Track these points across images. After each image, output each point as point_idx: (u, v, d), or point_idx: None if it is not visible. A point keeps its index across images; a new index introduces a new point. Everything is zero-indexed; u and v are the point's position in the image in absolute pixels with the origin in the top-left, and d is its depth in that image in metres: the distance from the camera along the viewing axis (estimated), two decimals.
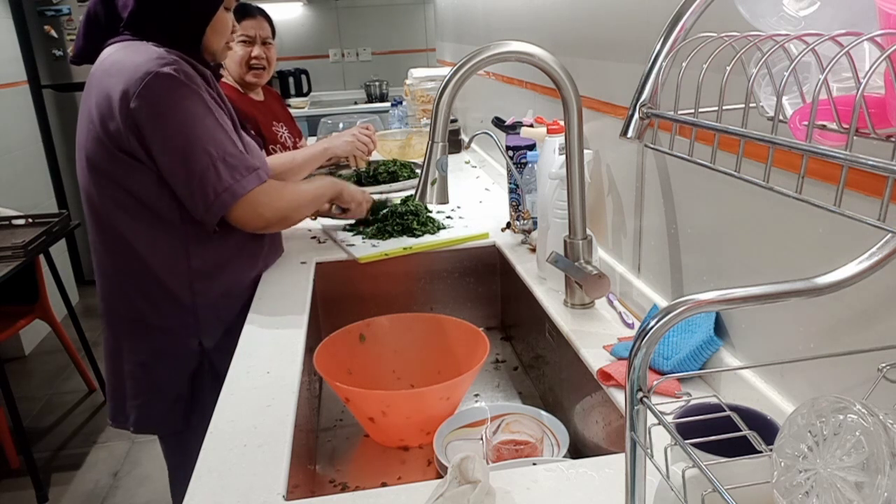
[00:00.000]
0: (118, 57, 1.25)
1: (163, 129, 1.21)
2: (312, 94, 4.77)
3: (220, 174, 1.25)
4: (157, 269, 1.32)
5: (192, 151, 1.23)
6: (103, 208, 1.30)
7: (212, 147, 1.24)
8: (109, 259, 1.35)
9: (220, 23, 1.33)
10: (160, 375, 1.38)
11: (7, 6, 3.81)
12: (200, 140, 1.23)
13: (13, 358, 3.47)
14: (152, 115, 1.20)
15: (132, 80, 1.20)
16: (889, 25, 0.39)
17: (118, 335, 1.39)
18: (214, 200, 1.25)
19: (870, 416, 0.42)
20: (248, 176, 1.28)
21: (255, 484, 0.80)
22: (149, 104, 1.20)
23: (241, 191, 1.27)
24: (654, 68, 0.57)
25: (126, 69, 1.21)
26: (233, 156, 1.27)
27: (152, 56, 1.22)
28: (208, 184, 1.24)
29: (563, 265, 1.18)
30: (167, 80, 1.20)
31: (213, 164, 1.24)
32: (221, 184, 1.25)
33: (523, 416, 1.10)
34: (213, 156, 1.24)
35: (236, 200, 1.26)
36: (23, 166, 3.77)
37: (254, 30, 2.11)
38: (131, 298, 1.36)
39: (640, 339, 0.52)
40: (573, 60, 1.34)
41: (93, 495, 2.47)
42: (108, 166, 1.26)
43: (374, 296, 1.58)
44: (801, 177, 0.41)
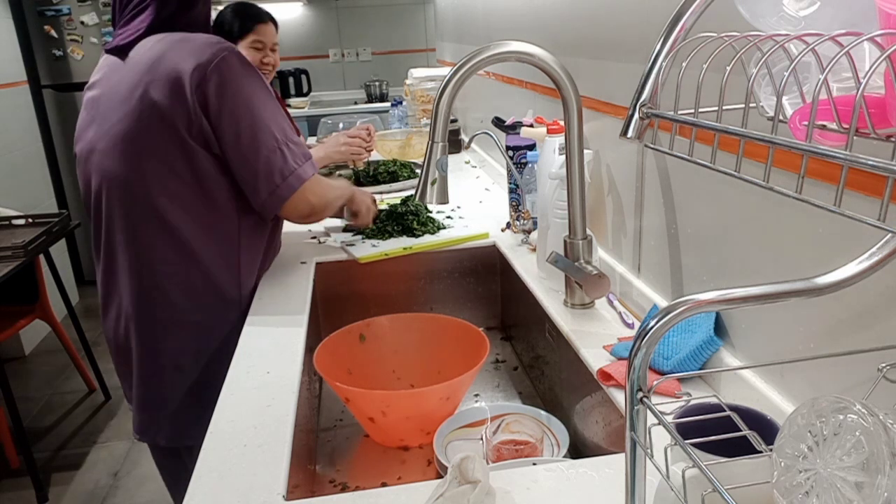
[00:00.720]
0: (171, 44, 1.22)
1: (234, 106, 1.20)
2: (312, 94, 4.77)
3: (287, 158, 1.25)
4: (207, 261, 1.29)
5: (259, 132, 1.22)
6: (149, 199, 1.24)
7: (278, 131, 1.24)
8: (146, 254, 1.28)
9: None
10: (199, 378, 1.33)
11: (7, 6, 3.81)
12: (268, 122, 1.23)
13: (13, 358, 3.47)
14: (223, 93, 1.20)
15: (202, 59, 1.19)
16: (889, 25, 0.39)
17: (151, 339, 1.32)
18: (281, 184, 1.25)
19: (870, 416, 0.42)
20: (307, 163, 1.30)
21: (255, 484, 0.80)
22: (220, 83, 1.19)
23: (305, 175, 1.28)
24: (654, 68, 0.57)
25: (192, 51, 1.20)
26: (294, 142, 1.28)
27: (213, 41, 1.23)
28: (275, 167, 1.24)
29: (563, 265, 1.18)
30: (237, 61, 1.22)
31: (280, 148, 1.24)
32: (288, 167, 1.25)
33: (523, 416, 1.10)
34: (279, 139, 1.24)
35: (301, 185, 1.27)
36: (23, 166, 3.77)
37: (267, 35, 2.15)
38: (169, 296, 1.29)
39: (640, 339, 0.52)
40: (573, 60, 1.34)
41: (93, 495, 2.47)
42: (167, 154, 1.22)
43: (374, 296, 1.58)
44: (801, 177, 0.41)
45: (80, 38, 4.04)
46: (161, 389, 1.34)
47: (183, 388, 1.34)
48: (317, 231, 1.74)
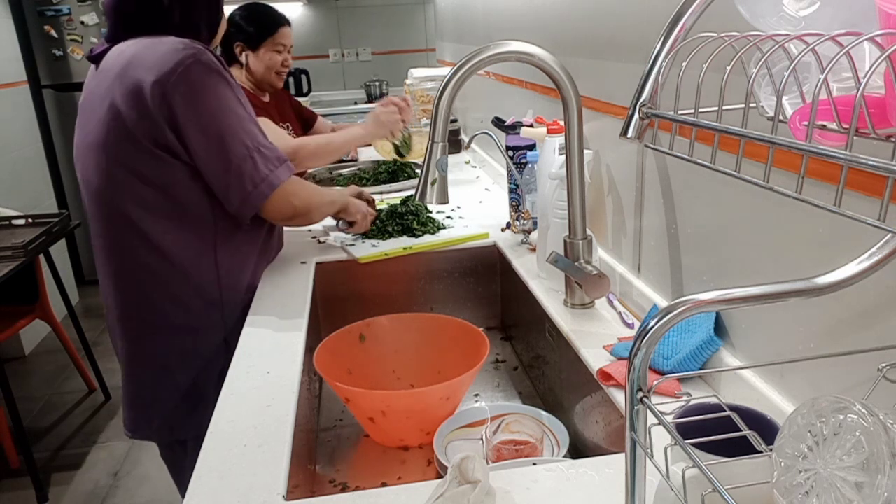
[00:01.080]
0: (139, 49, 1.22)
1: (198, 118, 1.20)
2: (312, 94, 4.77)
3: (258, 165, 1.25)
4: (184, 266, 1.30)
5: (228, 141, 1.22)
6: (122, 207, 1.26)
7: (246, 137, 1.24)
8: (127, 261, 1.30)
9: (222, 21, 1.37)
10: (186, 378, 1.35)
11: (7, 6, 3.81)
12: (236, 130, 1.23)
13: (13, 358, 3.47)
14: (188, 104, 1.19)
15: (164, 69, 1.18)
16: (889, 25, 0.39)
17: (136, 341, 1.34)
18: (252, 191, 1.25)
19: (870, 416, 0.42)
20: (282, 166, 1.30)
21: (255, 484, 0.80)
22: (184, 94, 1.18)
23: (277, 181, 1.28)
24: (654, 68, 0.57)
25: (155, 60, 1.19)
26: (266, 147, 1.28)
27: (179, 47, 1.21)
28: (245, 175, 1.24)
29: (563, 265, 1.18)
30: (202, 69, 1.20)
31: (250, 155, 1.24)
32: (259, 174, 1.25)
33: (523, 416, 1.10)
34: (248, 146, 1.24)
35: (273, 191, 1.27)
36: (23, 166, 3.77)
37: (287, 38, 2.18)
38: (152, 300, 1.31)
39: (640, 339, 0.52)
40: (573, 60, 1.34)
41: (93, 495, 2.47)
42: (136, 163, 1.22)
43: (374, 296, 1.58)
44: (801, 177, 0.41)
45: (80, 38, 4.04)
46: (149, 388, 1.36)
47: (170, 386, 1.36)
48: (317, 231, 1.74)
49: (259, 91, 2.21)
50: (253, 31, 2.12)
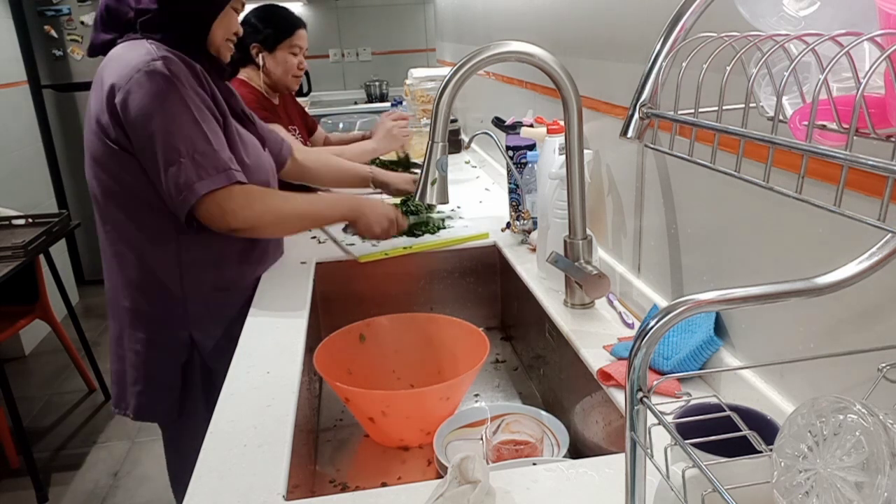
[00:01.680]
0: (116, 54, 1.29)
1: (140, 123, 1.24)
2: (312, 94, 4.76)
3: (186, 171, 1.24)
4: (149, 259, 1.35)
5: (162, 146, 1.24)
6: (102, 199, 1.34)
7: (182, 144, 1.24)
8: (110, 249, 1.39)
9: (227, 20, 1.37)
10: (154, 365, 1.40)
11: (7, 6, 3.80)
12: (172, 136, 1.24)
13: (13, 358, 3.47)
14: (132, 109, 1.23)
15: (121, 75, 1.24)
16: (889, 25, 0.39)
17: (119, 323, 1.42)
18: (178, 196, 1.25)
19: (870, 416, 0.42)
20: (215, 176, 1.25)
21: (255, 484, 0.80)
22: (131, 99, 1.23)
23: (203, 189, 1.24)
24: (654, 68, 0.57)
25: (118, 66, 1.26)
26: (203, 154, 1.25)
27: (142, 53, 1.25)
28: (173, 180, 1.25)
29: (563, 265, 1.18)
30: (151, 76, 1.23)
31: (180, 161, 1.24)
32: (186, 181, 1.25)
33: (523, 416, 1.10)
34: (181, 152, 1.24)
35: (196, 198, 1.25)
36: (23, 166, 3.77)
37: (304, 41, 2.20)
38: (127, 288, 1.38)
39: (640, 339, 0.52)
40: (573, 60, 1.34)
41: (93, 495, 2.47)
42: (104, 158, 1.30)
43: (374, 296, 1.58)
44: (801, 177, 0.41)
45: (80, 38, 4.04)
46: (127, 369, 1.42)
47: (143, 370, 1.41)
48: (317, 231, 1.74)
49: (271, 93, 2.22)
50: (270, 33, 2.13)
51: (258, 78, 2.17)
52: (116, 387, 1.46)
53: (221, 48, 1.39)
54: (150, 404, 1.43)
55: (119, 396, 1.45)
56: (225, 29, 1.37)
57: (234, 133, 1.36)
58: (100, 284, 1.48)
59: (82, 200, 4.25)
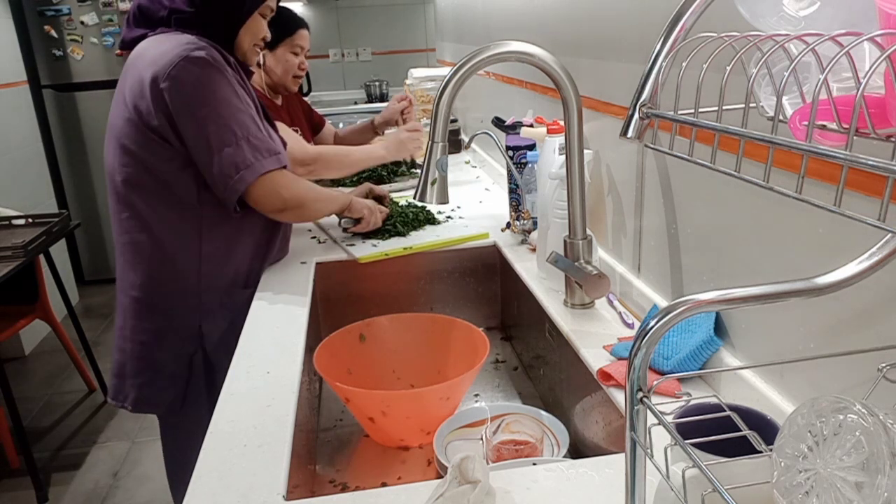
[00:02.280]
0: (151, 45, 1.31)
1: (190, 108, 1.26)
2: (312, 94, 4.75)
3: (244, 152, 1.29)
4: (169, 248, 1.36)
5: (217, 129, 1.27)
6: (125, 188, 1.35)
7: (236, 126, 1.29)
8: (125, 238, 1.40)
9: (254, 25, 1.40)
10: (160, 356, 1.41)
11: (7, 6, 3.80)
12: (226, 119, 1.28)
13: (13, 358, 3.47)
14: (180, 94, 1.25)
15: (162, 63, 1.26)
16: (889, 25, 0.39)
17: (125, 313, 1.43)
18: (235, 177, 1.29)
19: (870, 416, 0.42)
20: (270, 157, 1.33)
21: (255, 484, 0.80)
22: (177, 84, 1.25)
23: (262, 169, 1.31)
24: (654, 68, 0.57)
25: (157, 54, 1.28)
26: (256, 137, 1.31)
27: (182, 42, 1.28)
28: (231, 161, 1.28)
29: (563, 265, 1.18)
30: (196, 62, 1.26)
31: (237, 142, 1.28)
32: (244, 161, 1.29)
33: (523, 416, 1.10)
34: (237, 134, 1.29)
35: (256, 178, 1.30)
36: (23, 166, 3.77)
37: (305, 41, 2.20)
38: (139, 278, 1.39)
39: (640, 339, 0.52)
40: (573, 60, 1.34)
41: (93, 495, 2.47)
42: (136, 146, 1.31)
43: (374, 296, 1.58)
44: (801, 177, 0.41)
45: (80, 38, 4.04)
46: (130, 360, 1.43)
47: (146, 361, 1.42)
48: (317, 231, 1.74)
49: (273, 94, 2.22)
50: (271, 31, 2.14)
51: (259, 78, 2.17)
52: (116, 379, 1.47)
53: (248, 53, 1.42)
54: (150, 395, 1.44)
55: (118, 388, 1.47)
56: (252, 34, 1.41)
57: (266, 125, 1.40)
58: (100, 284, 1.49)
59: (82, 200, 4.25)
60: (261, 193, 1.32)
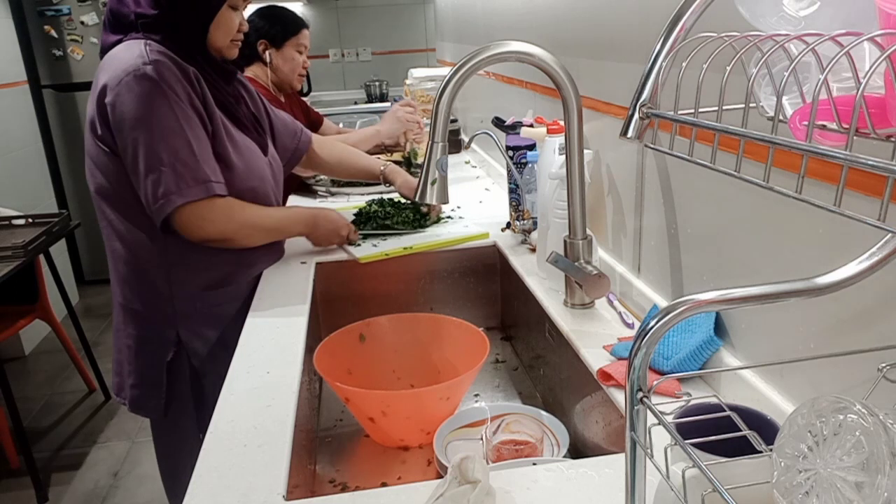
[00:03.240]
0: (112, 55, 1.30)
1: (125, 128, 1.25)
2: (312, 94, 4.75)
3: (166, 180, 1.25)
4: (139, 257, 1.37)
5: (146, 152, 1.25)
6: (97, 197, 1.37)
7: (164, 152, 1.25)
8: (107, 246, 1.41)
9: (225, 20, 1.35)
10: (142, 361, 1.42)
11: (7, 6, 3.80)
12: (155, 143, 1.25)
13: (13, 358, 3.47)
14: (120, 112, 1.25)
15: (112, 76, 1.25)
16: (889, 25, 0.39)
17: (116, 317, 1.45)
18: (155, 204, 1.27)
19: (870, 416, 0.42)
20: (194, 187, 1.27)
21: (255, 484, 0.80)
22: (119, 102, 1.24)
23: (180, 200, 1.26)
24: (654, 68, 0.57)
25: (112, 66, 1.27)
26: (184, 164, 1.26)
27: (135, 55, 1.26)
28: (151, 188, 1.26)
29: (563, 265, 1.18)
30: (141, 79, 1.24)
31: (161, 169, 1.25)
32: (165, 190, 1.26)
33: (523, 416, 1.10)
34: (163, 160, 1.25)
35: (173, 208, 1.26)
36: (23, 166, 3.77)
37: (308, 40, 2.25)
38: (119, 284, 1.41)
39: (640, 339, 0.52)
40: (573, 60, 1.34)
41: (93, 495, 2.47)
42: (96, 157, 1.32)
43: (374, 296, 1.58)
44: (801, 177, 0.41)
45: (80, 38, 4.04)
46: (125, 360, 1.45)
47: (136, 365, 1.43)
48: None
49: (277, 91, 2.24)
50: (278, 30, 2.18)
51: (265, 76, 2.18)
52: (117, 376, 1.49)
53: (224, 49, 1.38)
54: (140, 399, 1.45)
55: (119, 385, 1.48)
56: (225, 30, 1.36)
57: (224, 137, 1.35)
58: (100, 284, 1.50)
59: (82, 200, 4.25)
60: (182, 223, 1.29)
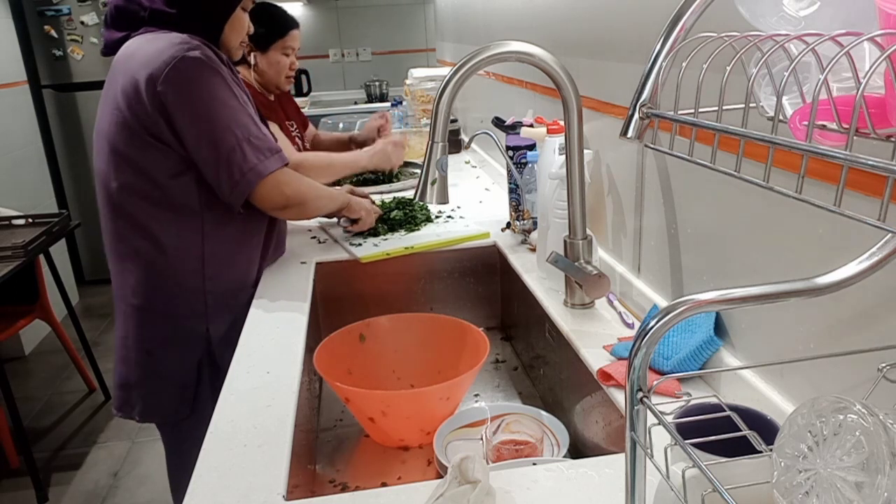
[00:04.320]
0: (141, 44, 1.28)
1: (189, 111, 1.25)
2: (312, 94, 4.77)
3: (246, 154, 1.28)
4: (171, 254, 1.34)
5: (218, 132, 1.26)
6: (120, 194, 1.33)
7: (237, 128, 1.28)
8: (122, 246, 1.37)
9: (238, 21, 1.37)
10: (166, 363, 1.40)
11: (7, 6, 3.80)
12: (226, 121, 1.27)
13: (13, 358, 3.47)
14: (179, 97, 1.24)
15: (157, 63, 1.23)
16: (889, 25, 0.39)
17: (127, 323, 1.41)
18: (241, 179, 1.29)
19: (870, 416, 0.42)
20: (273, 157, 1.33)
21: (255, 484, 0.80)
22: (175, 87, 1.23)
23: (266, 170, 1.31)
24: (654, 68, 0.57)
25: (151, 54, 1.25)
26: (257, 137, 1.31)
27: (175, 41, 1.26)
28: (234, 163, 1.28)
29: (563, 265, 1.18)
30: (192, 62, 1.24)
31: (239, 145, 1.28)
32: (247, 163, 1.29)
33: (523, 416, 1.10)
34: (238, 136, 1.28)
35: (262, 179, 1.30)
36: (23, 166, 3.77)
37: (296, 41, 2.19)
38: (140, 285, 1.37)
39: (640, 339, 0.52)
40: (573, 60, 1.34)
41: (93, 495, 2.47)
42: (132, 151, 1.29)
43: (374, 296, 1.58)
44: (801, 177, 0.41)
45: (80, 38, 4.04)
46: (135, 369, 1.41)
47: (152, 370, 1.40)
48: (317, 231, 1.74)
49: (265, 91, 2.22)
50: (263, 32, 2.10)
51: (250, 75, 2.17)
52: (121, 391, 1.44)
53: (234, 50, 1.40)
54: (158, 405, 1.42)
55: (123, 400, 1.44)
56: (238, 31, 1.39)
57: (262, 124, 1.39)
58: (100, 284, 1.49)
59: (82, 200, 4.25)
60: (265, 193, 1.32)
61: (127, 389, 1.43)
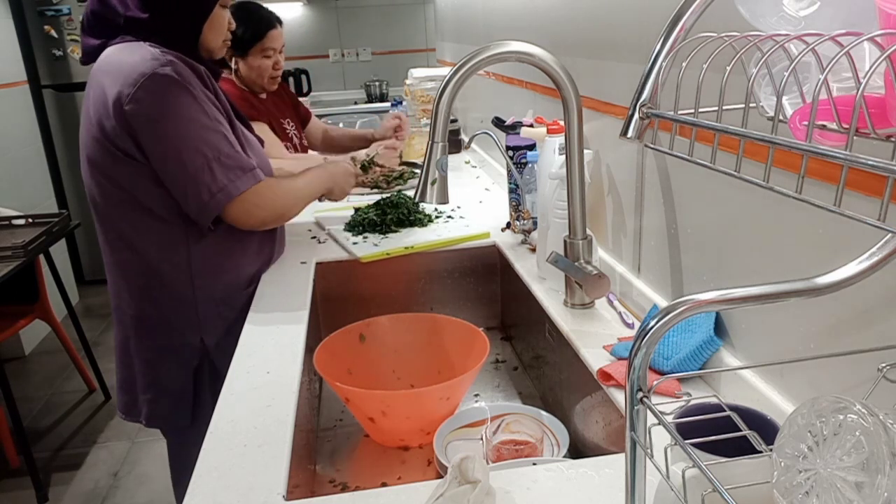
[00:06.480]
0: (114, 58, 1.26)
1: (157, 131, 1.22)
2: (312, 94, 4.77)
3: (215, 175, 1.25)
4: (158, 265, 1.33)
5: (186, 153, 1.23)
6: (104, 206, 1.32)
7: (206, 148, 1.24)
8: (113, 257, 1.36)
9: (217, 20, 1.34)
10: (164, 373, 1.39)
11: (7, 6, 3.80)
12: (194, 141, 1.23)
13: (13, 358, 3.47)
14: (146, 117, 1.21)
15: (127, 81, 1.20)
16: (889, 25, 0.39)
17: (126, 331, 1.40)
18: (209, 201, 1.26)
19: (870, 416, 0.42)
20: (243, 176, 1.28)
21: (255, 484, 0.80)
22: (143, 107, 1.20)
23: (236, 191, 1.27)
24: (654, 68, 0.57)
25: (121, 70, 1.22)
26: (228, 156, 1.27)
27: (147, 57, 1.23)
28: (203, 184, 1.25)
29: (563, 265, 1.18)
30: (161, 81, 1.21)
31: (208, 165, 1.24)
32: (216, 184, 1.25)
33: (523, 416, 1.10)
34: (207, 157, 1.24)
35: (231, 200, 1.27)
36: (23, 166, 3.77)
37: (277, 41, 2.11)
38: (134, 296, 1.36)
39: (640, 339, 0.52)
40: (573, 60, 1.34)
41: (93, 495, 2.47)
42: (107, 165, 1.27)
43: (374, 296, 1.58)
44: (801, 177, 0.41)
45: (80, 38, 4.03)
46: (136, 376, 1.41)
47: (153, 379, 1.40)
48: (317, 231, 1.74)
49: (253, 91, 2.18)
50: (241, 35, 2.00)
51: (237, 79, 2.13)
52: (125, 394, 1.43)
53: (216, 50, 1.37)
54: (161, 412, 1.41)
55: (129, 404, 1.43)
56: (218, 30, 1.35)
57: (240, 133, 1.36)
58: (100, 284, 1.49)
59: (82, 200, 4.24)
60: (236, 213, 1.29)
61: (131, 394, 1.42)
